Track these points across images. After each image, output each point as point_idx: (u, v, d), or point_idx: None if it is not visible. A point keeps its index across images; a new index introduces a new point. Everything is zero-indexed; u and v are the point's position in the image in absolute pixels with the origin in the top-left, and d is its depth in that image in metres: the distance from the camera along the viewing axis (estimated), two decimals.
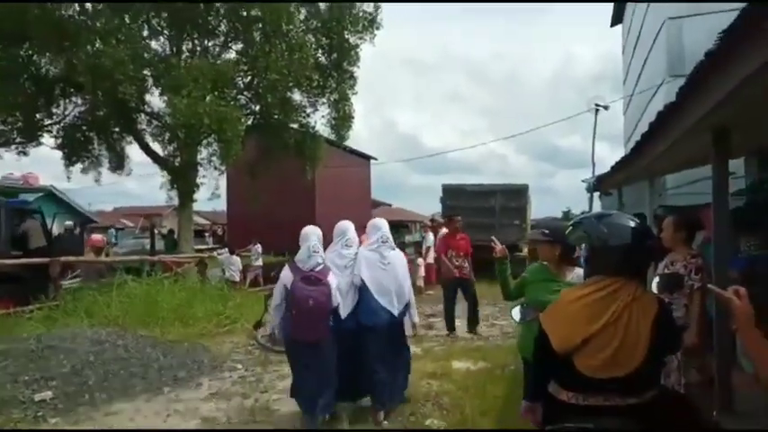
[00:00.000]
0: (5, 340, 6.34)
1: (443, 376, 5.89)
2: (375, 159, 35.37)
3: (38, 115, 15.36)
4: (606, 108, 13.59)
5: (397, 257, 4.90)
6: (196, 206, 17.13)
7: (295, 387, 4.61)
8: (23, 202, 13.02)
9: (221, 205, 28.91)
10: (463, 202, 15.43)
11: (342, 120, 16.36)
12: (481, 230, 12.43)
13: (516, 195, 16.34)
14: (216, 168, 15.95)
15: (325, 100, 16.45)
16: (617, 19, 15.13)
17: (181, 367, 6.47)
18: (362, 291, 4.63)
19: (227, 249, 14.91)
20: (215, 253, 15.84)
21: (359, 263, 4.69)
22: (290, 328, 4.37)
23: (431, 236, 14.06)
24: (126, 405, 5.22)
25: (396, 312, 4.69)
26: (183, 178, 15.04)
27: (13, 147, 16.38)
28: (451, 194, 16.32)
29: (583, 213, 5.25)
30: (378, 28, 15.91)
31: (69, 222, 13.44)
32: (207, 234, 36.74)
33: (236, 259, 14.43)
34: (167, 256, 13.52)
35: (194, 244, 17.37)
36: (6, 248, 11.11)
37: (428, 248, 14.20)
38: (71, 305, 8.88)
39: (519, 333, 3.68)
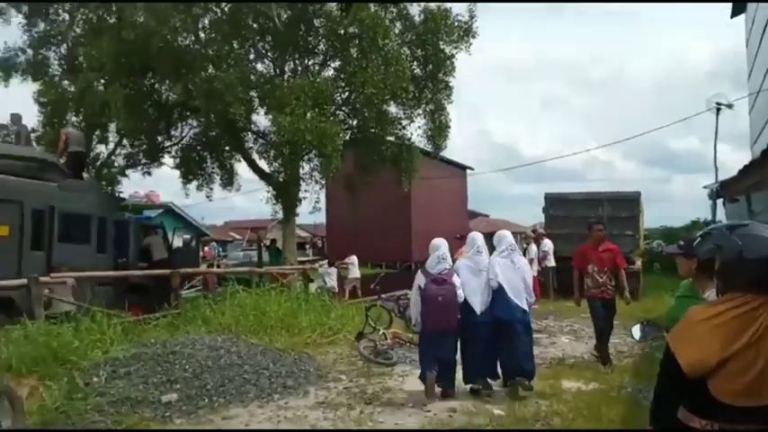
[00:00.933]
0: (137, 345, 6.92)
1: (553, 396, 5.64)
2: (471, 169, 35.01)
3: (159, 138, 16.89)
4: (730, 107, 12.47)
5: (523, 262, 6.10)
6: (298, 219, 17.89)
7: (423, 367, 5.69)
8: (148, 218, 14.31)
9: (321, 218, 29.99)
10: (567, 212, 14.79)
11: (438, 130, 16.40)
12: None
13: (627, 204, 15.31)
14: (317, 182, 16.59)
15: (420, 111, 16.58)
16: (738, 9, 13.85)
17: (289, 375, 6.72)
18: (498, 291, 5.69)
19: (326, 261, 15.38)
20: (316, 265, 16.40)
21: (493, 268, 5.75)
22: (425, 319, 5.61)
23: (534, 247, 13.59)
24: (240, 410, 5.51)
25: (526, 308, 5.78)
26: (286, 193, 15.78)
27: (139, 167, 18.11)
28: (555, 204, 15.69)
29: (710, 222, 4.87)
30: (473, 36, 15.83)
31: (187, 236, 14.58)
32: (307, 246, 38.17)
33: (334, 270, 14.85)
34: (274, 268, 14.20)
35: (296, 256, 18.12)
36: (134, 260, 12.25)
37: (531, 260, 13.73)
38: (190, 313, 9.53)
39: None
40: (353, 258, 17.26)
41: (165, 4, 12.34)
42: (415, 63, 16.06)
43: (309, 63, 16.15)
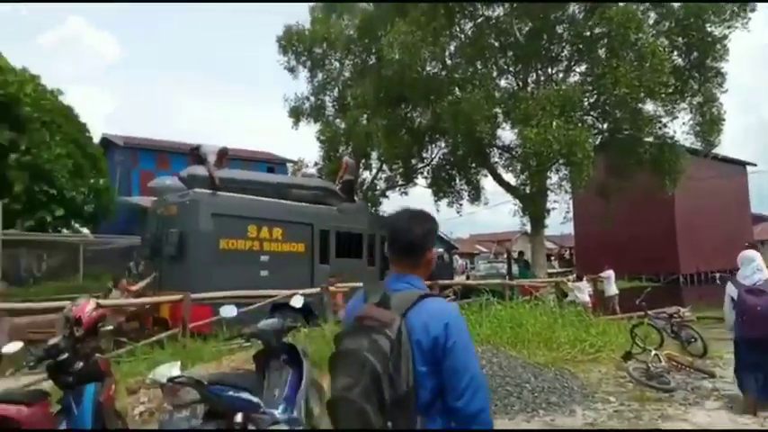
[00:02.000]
0: None
1: None
2: (753, 165, 29.60)
3: (413, 161, 18.42)
4: None
5: None
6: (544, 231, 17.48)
7: (740, 377, 5.72)
8: None
9: (568, 229, 28.70)
10: None
11: (708, 124, 14.35)
12: None
13: None
14: (566, 192, 16.02)
15: (685, 105, 14.75)
16: None
17: (552, 392, 6.59)
18: None
19: (575, 275, 14.70)
20: (565, 279, 15.74)
21: None
22: (741, 328, 5.57)
23: None
24: (506, 422, 5.61)
25: None
26: (533, 204, 15.59)
27: (396, 189, 19.95)
28: None
29: None
30: (752, 10, 13.49)
31: (440, 249, 15.45)
32: (553, 258, 36.85)
33: (585, 284, 14.05)
34: (525, 281, 14.12)
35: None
36: None
37: None
38: None
39: None
40: (610, 273, 15.95)
41: (416, 40, 13.47)
42: (675, 53, 14.37)
43: (553, 72, 15.78)
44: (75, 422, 3.98)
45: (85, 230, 20.47)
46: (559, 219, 17.55)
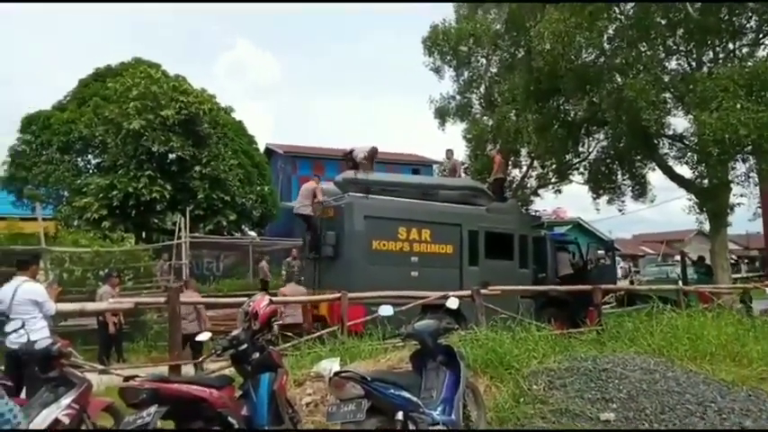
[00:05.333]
0: (569, 358, 7.10)
1: None
2: None
3: (567, 156, 17.32)
4: None
5: None
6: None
7: None
8: (562, 235, 14.76)
9: (756, 227, 24.93)
10: None
11: None
12: None
13: None
14: (755, 185, 13.88)
15: None
16: None
17: (745, 414, 5.70)
18: None
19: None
20: (758, 284, 13.64)
21: None
22: None
23: None
24: None
25: None
26: (713, 199, 13.75)
27: (549, 186, 18.97)
28: None
29: None
30: None
31: (601, 251, 14.35)
32: (740, 259, 32.44)
33: None
34: (706, 287, 12.53)
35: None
36: (552, 275, 12.79)
37: None
38: (614, 330, 9.26)
39: None
40: None
41: (569, 27, 12.64)
42: None
43: (735, 47, 13.79)
44: (253, 407, 4.34)
45: (252, 233, 22.55)
46: (744, 216, 15.17)
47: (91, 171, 19.77)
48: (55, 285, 8.31)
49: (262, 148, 26.31)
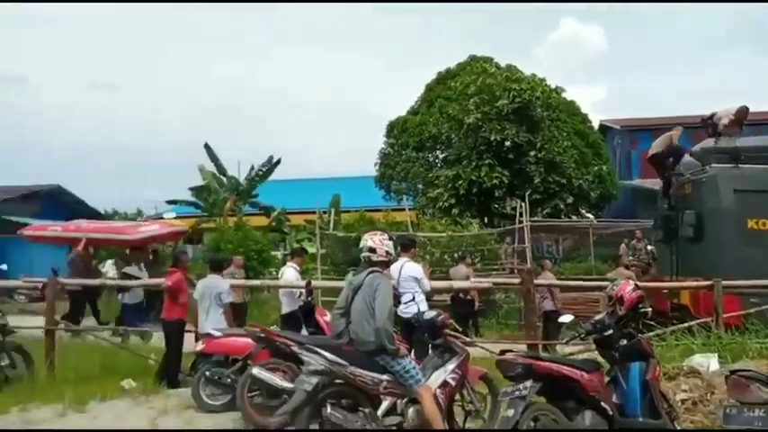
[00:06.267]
0: None
1: None
2: None
3: None
4: None
5: None
6: None
7: None
8: None
9: None
10: None
11: None
12: None
13: None
14: None
15: None
16: None
17: None
18: None
19: None
20: None
21: None
22: None
23: None
24: None
25: None
26: None
27: None
28: None
29: None
30: None
31: None
32: None
33: None
34: None
35: None
36: None
37: None
38: None
39: None
40: None
41: None
42: None
43: None
44: (624, 395, 4.22)
45: (590, 216, 21.76)
46: None
47: (439, 165, 22.17)
48: (427, 265, 9.68)
49: (596, 126, 25.11)
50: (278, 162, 22.28)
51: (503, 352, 4.63)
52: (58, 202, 27.70)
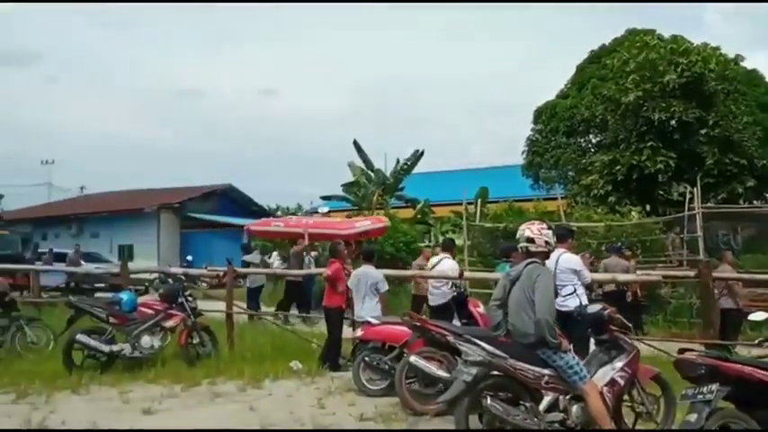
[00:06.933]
0: None
1: None
2: None
3: None
4: None
5: None
6: None
7: None
8: None
9: None
10: None
11: None
12: None
13: None
14: None
15: None
16: None
17: None
18: None
19: None
20: None
21: None
22: None
23: None
24: None
25: None
26: None
27: None
28: None
29: None
30: None
31: None
32: None
33: None
34: None
35: None
36: None
37: None
38: None
39: None
40: None
41: None
42: None
43: None
44: None
45: None
46: None
47: (593, 150, 20.79)
48: (587, 255, 9.11)
49: None
50: (422, 154, 22.59)
51: (682, 351, 4.20)
52: (230, 200, 30.96)
